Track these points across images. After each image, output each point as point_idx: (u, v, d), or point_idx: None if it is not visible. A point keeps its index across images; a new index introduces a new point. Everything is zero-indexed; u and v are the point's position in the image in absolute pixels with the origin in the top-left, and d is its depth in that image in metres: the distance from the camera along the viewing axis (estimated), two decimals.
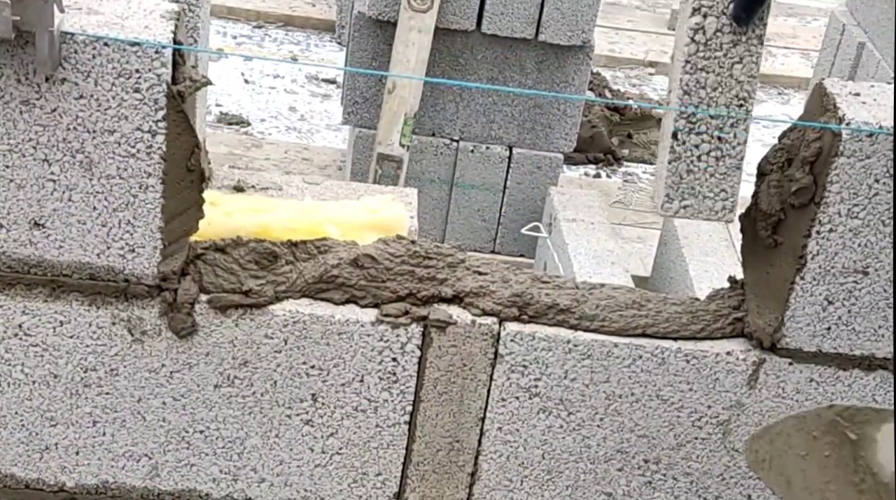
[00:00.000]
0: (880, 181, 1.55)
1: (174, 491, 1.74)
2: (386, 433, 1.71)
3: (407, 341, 1.64)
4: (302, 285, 1.63)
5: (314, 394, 1.67)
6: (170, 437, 1.69)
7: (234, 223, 1.71)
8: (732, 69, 1.42)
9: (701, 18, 1.41)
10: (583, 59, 4.04)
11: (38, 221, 1.53)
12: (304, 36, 6.50)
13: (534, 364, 1.66)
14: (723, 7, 1.41)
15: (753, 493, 1.77)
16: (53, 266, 1.57)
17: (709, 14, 1.41)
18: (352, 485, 1.75)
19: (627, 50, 6.75)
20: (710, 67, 1.42)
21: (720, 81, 1.42)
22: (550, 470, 1.74)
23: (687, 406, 1.69)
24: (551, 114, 4.13)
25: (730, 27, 1.40)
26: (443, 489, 1.76)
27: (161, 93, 1.46)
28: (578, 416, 1.70)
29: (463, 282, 1.66)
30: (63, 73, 1.44)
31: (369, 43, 3.98)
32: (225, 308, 1.61)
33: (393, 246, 1.65)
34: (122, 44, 1.43)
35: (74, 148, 1.48)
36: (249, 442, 1.70)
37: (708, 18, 1.42)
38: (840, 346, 1.66)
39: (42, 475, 1.72)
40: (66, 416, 1.67)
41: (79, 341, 1.62)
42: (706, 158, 1.48)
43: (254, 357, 1.64)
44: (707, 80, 1.42)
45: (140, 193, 1.52)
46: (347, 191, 1.95)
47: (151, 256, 1.56)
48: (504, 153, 4.19)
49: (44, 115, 1.46)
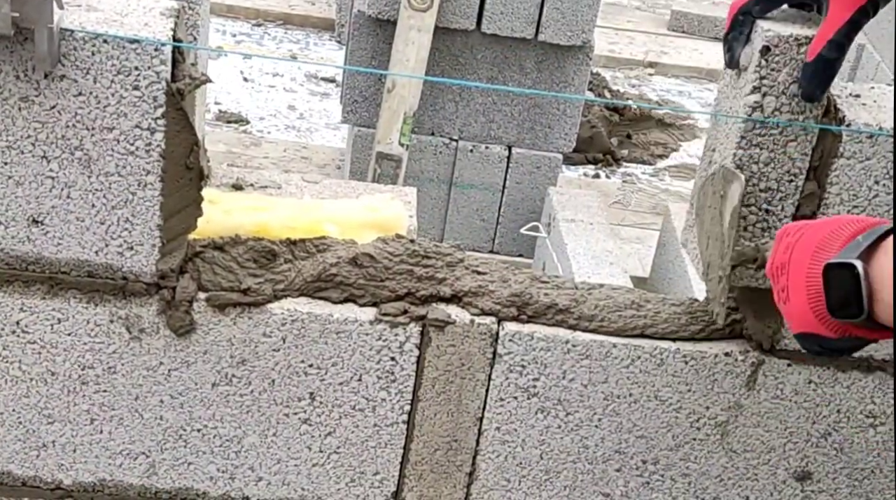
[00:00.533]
0: (880, 183, 1.55)
1: (171, 489, 1.74)
2: (384, 432, 1.70)
3: (405, 340, 1.64)
4: (300, 284, 1.63)
5: (312, 393, 1.67)
6: (167, 435, 1.69)
7: (233, 222, 1.70)
8: (787, 147, 1.46)
9: (760, 97, 1.44)
10: (582, 60, 4.05)
11: (37, 218, 1.53)
12: (304, 34, 6.50)
13: (532, 364, 1.66)
14: (783, 88, 1.44)
15: (752, 494, 1.77)
16: (51, 263, 1.57)
17: (768, 94, 1.45)
18: (349, 484, 1.75)
19: (627, 50, 6.75)
20: (764, 144, 1.46)
21: (773, 157, 1.47)
22: (548, 470, 1.74)
23: (685, 407, 1.69)
24: (551, 114, 4.13)
25: (788, 107, 1.44)
26: (440, 488, 1.76)
27: (160, 90, 1.46)
28: (577, 416, 1.70)
29: (462, 281, 1.66)
30: (62, 70, 1.43)
31: (369, 42, 3.98)
32: (223, 306, 1.60)
33: (392, 245, 1.65)
34: (121, 41, 1.43)
35: (73, 145, 1.48)
36: (247, 441, 1.70)
37: (767, 97, 1.45)
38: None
39: (39, 473, 1.72)
40: (64, 413, 1.67)
41: (76, 339, 1.61)
42: (752, 228, 1.52)
43: (252, 356, 1.64)
44: (760, 157, 1.47)
45: (139, 190, 1.52)
46: (346, 190, 1.95)
47: (150, 253, 1.56)
48: (503, 153, 4.19)
49: (43, 111, 1.46)
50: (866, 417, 1.71)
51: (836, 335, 1.33)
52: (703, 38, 7.08)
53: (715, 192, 1.57)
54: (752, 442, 1.72)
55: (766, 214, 1.53)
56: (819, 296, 1.32)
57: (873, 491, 1.77)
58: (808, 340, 1.37)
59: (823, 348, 1.37)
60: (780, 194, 1.54)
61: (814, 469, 1.75)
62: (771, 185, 1.53)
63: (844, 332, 1.33)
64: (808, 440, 1.73)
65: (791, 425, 1.71)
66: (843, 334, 1.33)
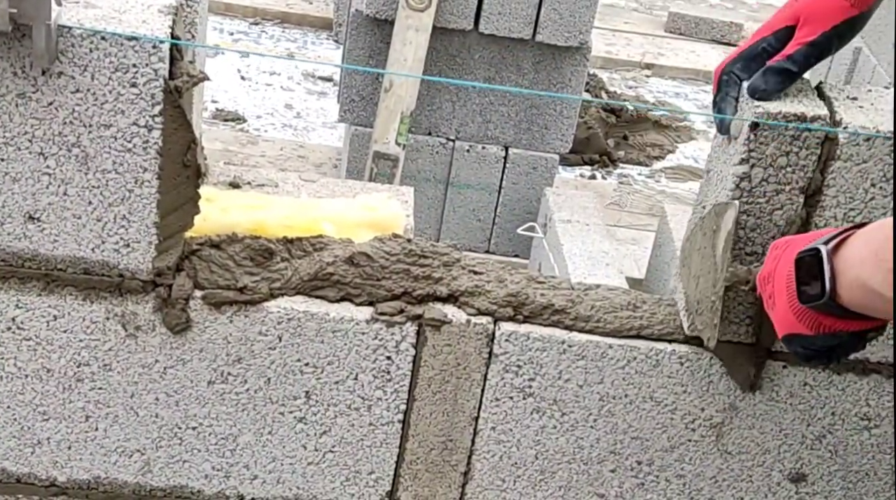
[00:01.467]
0: (876, 186, 1.55)
1: (166, 487, 1.74)
2: (379, 431, 1.70)
3: (402, 339, 1.64)
4: (297, 283, 1.63)
5: (308, 392, 1.67)
6: (162, 433, 1.69)
7: (230, 220, 1.70)
8: (772, 215, 1.53)
9: (748, 168, 1.51)
10: (580, 61, 4.05)
11: (33, 215, 1.52)
12: (301, 33, 6.50)
13: (528, 364, 1.66)
14: (771, 160, 1.50)
15: (746, 496, 1.77)
16: (48, 260, 1.56)
17: (756, 166, 1.51)
18: (344, 483, 1.75)
19: (624, 52, 6.76)
20: (750, 211, 1.53)
21: (759, 224, 1.53)
22: (543, 471, 1.74)
23: (680, 408, 1.70)
24: (548, 114, 4.14)
25: (775, 178, 1.51)
26: (435, 488, 1.76)
27: (158, 88, 1.46)
28: (572, 417, 1.70)
29: (458, 281, 1.66)
30: (60, 67, 1.43)
31: (366, 41, 3.98)
32: (219, 305, 1.60)
33: (389, 244, 1.65)
34: (119, 38, 1.42)
35: (70, 142, 1.48)
36: (242, 439, 1.70)
37: (755, 169, 1.51)
38: None
39: (34, 470, 1.72)
40: (59, 410, 1.67)
41: (72, 336, 1.61)
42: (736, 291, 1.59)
43: (248, 354, 1.64)
44: (747, 223, 1.53)
45: (136, 188, 1.51)
46: (344, 189, 1.95)
47: (146, 251, 1.56)
48: (500, 153, 4.19)
49: (40, 108, 1.46)
50: (861, 419, 1.71)
51: (812, 331, 1.37)
52: (700, 39, 7.09)
53: (706, 233, 1.61)
54: (746, 444, 1.73)
55: (748, 274, 1.58)
56: (794, 291, 1.36)
57: (867, 494, 1.78)
58: (791, 342, 1.42)
59: (806, 348, 1.41)
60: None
61: (808, 471, 1.76)
62: (756, 249, 1.58)
63: (819, 326, 1.37)
64: (803, 443, 1.73)
65: (786, 427, 1.72)
66: (819, 329, 1.37)
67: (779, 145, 1.52)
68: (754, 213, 1.56)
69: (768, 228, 1.57)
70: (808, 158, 1.53)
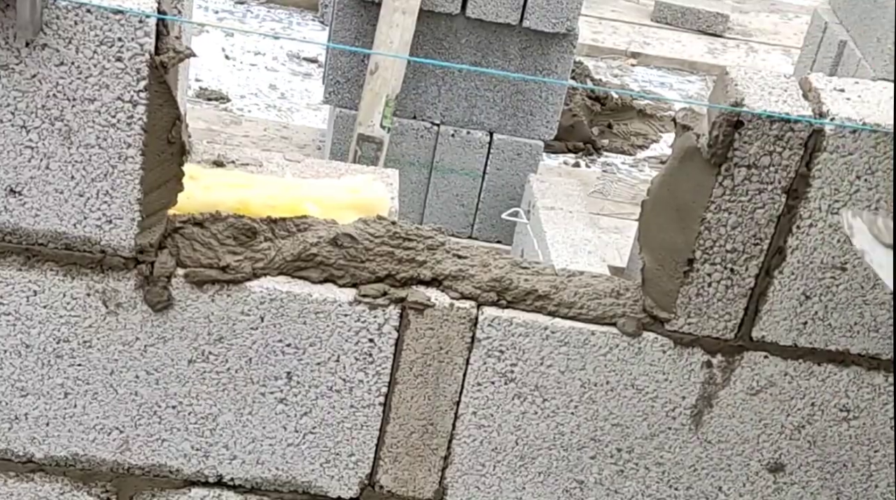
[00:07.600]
0: (861, 178, 1.56)
1: (144, 466, 1.73)
2: (360, 413, 1.70)
3: (384, 322, 1.63)
4: (280, 263, 1.62)
5: (289, 372, 1.66)
6: (142, 411, 1.68)
7: (214, 198, 1.69)
8: (754, 213, 1.54)
9: (731, 166, 1.53)
10: (566, 47, 4.04)
11: (14, 189, 1.51)
12: (286, 14, 6.46)
13: (510, 350, 1.66)
14: (752, 160, 1.51)
15: (724, 485, 1.78)
16: (28, 235, 1.55)
17: (739, 164, 1.52)
18: (324, 465, 1.74)
19: (610, 40, 6.76)
20: (732, 209, 1.54)
21: (741, 222, 1.55)
22: (523, 456, 1.74)
23: (661, 396, 1.70)
24: (533, 101, 4.13)
25: (757, 178, 1.53)
26: (415, 471, 1.76)
27: (143, 63, 1.44)
28: (553, 403, 1.70)
29: (442, 265, 1.66)
30: (44, 39, 1.41)
31: (353, 23, 3.96)
32: (201, 283, 1.59)
33: (373, 226, 1.64)
34: (105, 11, 1.41)
35: (53, 115, 1.46)
36: (222, 419, 1.69)
37: (738, 168, 1.53)
38: (815, 341, 1.66)
39: (10, 446, 1.70)
40: (37, 387, 1.65)
41: (52, 312, 1.60)
42: (716, 285, 1.59)
43: (229, 333, 1.63)
44: (728, 220, 1.54)
45: (119, 163, 1.50)
46: (328, 169, 1.94)
47: (129, 228, 1.55)
48: (485, 139, 4.18)
49: (23, 80, 1.44)
50: (840, 410, 1.72)
51: None
52: (686, 29, 7.09)
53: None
54: (726, 433, 1.73)
55: (731, 272, 1.58)
56: None
57: (844, 485, 1.79)
58: None
59: None
60: (746, 256, 1.59)
61: (786, 461, 1.76)
62: (737, 246, 1.58)
63: None
64: (782, 432, 1.74)
65: (765, 416, 1.72)
66: None
67: (762, 145, 1.52)
68: (736, 211, 1.56)
69: (749, 227, 1.58)
70: (791, 158, 1.54)
